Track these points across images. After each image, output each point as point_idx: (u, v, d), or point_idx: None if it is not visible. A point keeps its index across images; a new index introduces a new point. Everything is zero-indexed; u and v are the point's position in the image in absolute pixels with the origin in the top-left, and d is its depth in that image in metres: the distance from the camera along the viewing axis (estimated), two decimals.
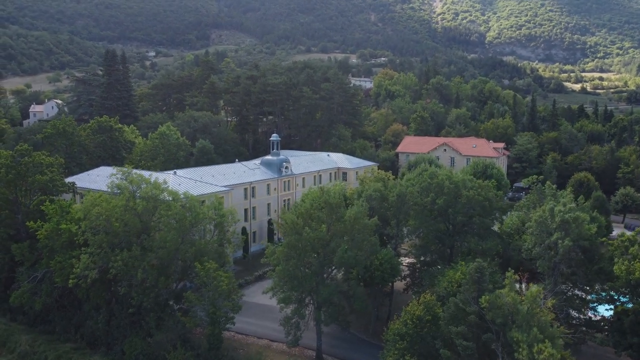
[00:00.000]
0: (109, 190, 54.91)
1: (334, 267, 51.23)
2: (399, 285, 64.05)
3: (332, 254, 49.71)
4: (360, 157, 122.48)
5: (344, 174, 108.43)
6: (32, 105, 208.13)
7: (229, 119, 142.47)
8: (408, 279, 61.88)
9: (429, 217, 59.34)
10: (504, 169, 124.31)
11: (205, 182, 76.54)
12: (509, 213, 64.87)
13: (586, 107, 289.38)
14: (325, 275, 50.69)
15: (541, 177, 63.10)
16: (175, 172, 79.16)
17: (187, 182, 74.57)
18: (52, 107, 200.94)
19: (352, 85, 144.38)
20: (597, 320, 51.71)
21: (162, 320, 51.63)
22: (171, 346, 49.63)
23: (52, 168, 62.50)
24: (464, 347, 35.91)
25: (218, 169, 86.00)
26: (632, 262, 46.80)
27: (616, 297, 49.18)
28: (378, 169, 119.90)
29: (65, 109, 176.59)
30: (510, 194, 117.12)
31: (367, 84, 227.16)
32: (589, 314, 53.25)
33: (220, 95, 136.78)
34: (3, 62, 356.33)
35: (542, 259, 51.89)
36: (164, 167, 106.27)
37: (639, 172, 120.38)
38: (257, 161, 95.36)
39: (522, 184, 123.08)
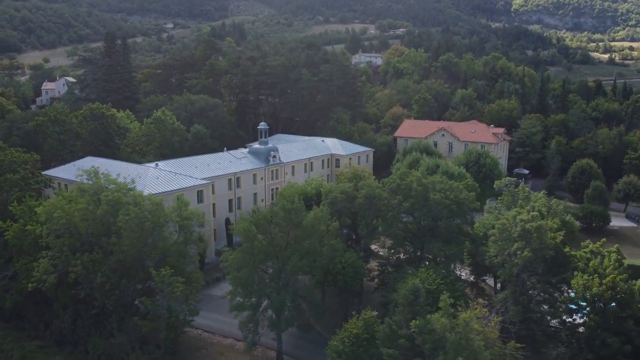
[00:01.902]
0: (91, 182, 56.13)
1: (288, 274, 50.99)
2: (372, 283, 63.84)
3: (289, 260, 49.51)
4: (358, 142, 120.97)
5: (337, 160, 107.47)
6: (45, 83, 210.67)
7: (231, 101, 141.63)
8: (376, 280, 61.53)
9: (397, 219, 58.51)
10: (504, 155, 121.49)
11: (185, 175, 76.56)
12: (484, 214, 63.51)
13: (609, 80, 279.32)
14: (281, 283, 50.55)
15: (514, 179, 60.95)
16: (157, 164, 79.36)
17: (166, 175, 74.73)
18: (63, 84, 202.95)
19: (354, 64, 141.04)
20: (558, 331, 50.70)
21: (124, 321, 52.57)
22: (130, 348, 50.64)
23: (26, 165, 63.19)
24: None
25: (202, 160, 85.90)
26: (591, 277, 45.38)
27: (575, 309, 48.00)
28: (374, 155, 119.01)
29: (76, 88, 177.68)
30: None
31: (378, 60, 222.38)
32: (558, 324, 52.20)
33: (220, 77, 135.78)
34: (22, 36, 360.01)
35: (504, 268, 50.89)
36: (158, 153, 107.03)
37: None
38: (245, 150, 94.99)
39: (522, 169, 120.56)
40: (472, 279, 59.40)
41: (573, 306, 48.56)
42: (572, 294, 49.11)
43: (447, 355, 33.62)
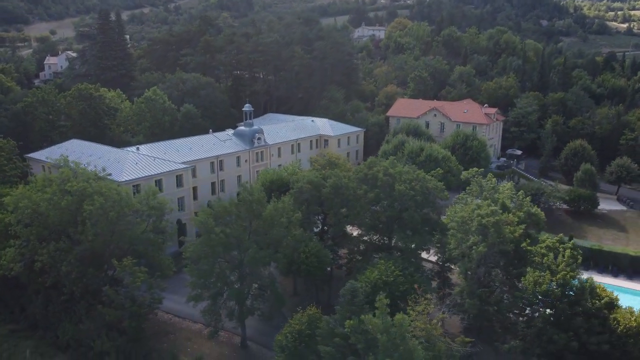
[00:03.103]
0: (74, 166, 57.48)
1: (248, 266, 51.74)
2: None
3: (247, 252, 50.23)
4: (350, 121, 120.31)
5: (326, 141, 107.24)
6: (47, 57, 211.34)
7: (226, 78, 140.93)
8: (344, 268, 62.23)
9: (365, 208, 58.66)
10: (497, 135, 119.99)
11: (165, 160, 77.19)
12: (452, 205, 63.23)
13: (625, 52, 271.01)
14: (243, 273, 51.35)
15: (481, 169, 60.32)
16: (137, 148, 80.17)
17: (146, 160, 75.41)
18: (65, 59, 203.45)
19: (356, 38, 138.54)
20: (515, 325, 51.02)
21: (93, 307, 54.09)
22: (96, 334, 52.25)
23: (1, 152, 64.22)
24: None
25: (185, 142, 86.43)
26: (543, 274, 45.43)
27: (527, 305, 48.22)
28: (366, 134, 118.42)
29: (76, 64, 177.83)
30: (501, 160, 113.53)
31: (382, 33, 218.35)
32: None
33: (214, 54, 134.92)
34: (30, 7, 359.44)
35: (462, 260, 51.12)
36: (149, 133, 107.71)
37: None
38: (230, 131, 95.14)
39: (515, 150, 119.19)
40: (438, 269, 59.71)
41: (535, 299, 48.65)
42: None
43: (377, 355, 34.30)
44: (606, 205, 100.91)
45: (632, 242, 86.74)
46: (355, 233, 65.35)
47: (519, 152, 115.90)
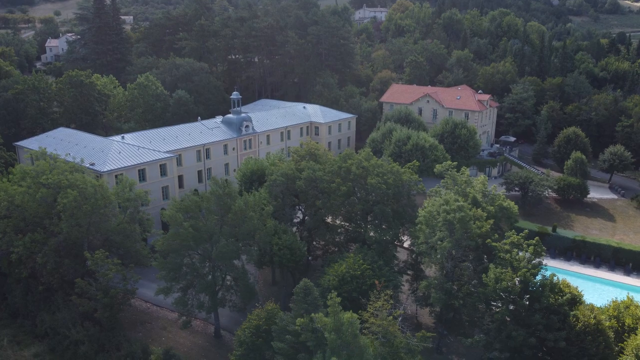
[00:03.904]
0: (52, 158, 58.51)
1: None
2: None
3: (214, 246, 50.93)
4: (344, 107, 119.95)
5: (316, 128, 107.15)
6: (49, 40, 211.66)
7: (221, 64, 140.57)
8: (319, 259, 62.85)
9: (339, 201, 58.94)
10: (491, 122, 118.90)
11: (149, 149, 77.80)
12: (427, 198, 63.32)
13: (636, 33, 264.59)
14: (213, 266, 52.12)
15: (455, 163, 60.11)
16: (123, 137, 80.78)
17: (129, 149, 76.03)
18: (65, 41, 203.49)
19: (357, 20, 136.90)
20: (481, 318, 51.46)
21: (69, 298, 55.39)
22: (71, 323, 53.62)
23: None
24: None
25: (172, 131, 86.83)
26: (504, 270, 45.66)
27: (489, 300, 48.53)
28: (359, 121, 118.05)
29: (75, 47, 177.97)
30: (494, 147, 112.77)
31: (383, 15, 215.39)
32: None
33: (209, 38, 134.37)
34: None
35: (428, 255, 51.48)
36: (142, 119, 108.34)
37: (639, 127, 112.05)
38: (219, 119, 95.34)
39: (509, 137, 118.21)
40: (411, 261, 60.07)
41: (496, 295, 48.98)
42: None
43: (325, 353, 35.01)
44: (597, 193, 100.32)
45: (619, 232, 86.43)
46: (337, 223, 66.01)
47: (513, 139, 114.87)
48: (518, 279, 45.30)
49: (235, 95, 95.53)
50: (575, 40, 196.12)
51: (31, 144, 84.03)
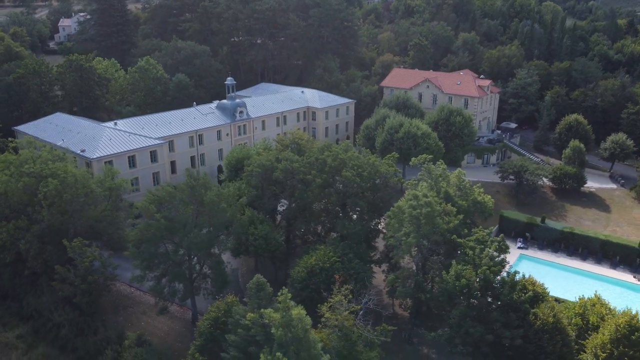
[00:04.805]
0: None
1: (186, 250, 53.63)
2: None
3: (186, 236, 52.17)
4: (344, 91, 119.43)
5: (314, 113, 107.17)
6: (61, 19, 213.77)
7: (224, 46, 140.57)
8: (297, 249, 63.84)
9: (314, 193, 59.56)
10: (492, 108, 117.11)
11: (140, 135, 79.14)
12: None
13: None
14: (188, 256, 53.48)
15: (430, 156, 59.86)
16: (115, 123, 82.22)
17: (121, 136, 77.54)
18: (77, 21, 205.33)
19: (347, 5, 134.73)
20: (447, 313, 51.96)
21: (53, 281, 57.54)
22: (54, 308, 55.87)
23: None
24: (231, 356, 38.73)
25: (165, 117, 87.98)
26: (465, 267, 45.99)
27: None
28: (359, 106, 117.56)
29: (85, 28, 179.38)
30: (495, 134, 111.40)
31: None
32: None
33: (212, 21, 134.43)
34: None
35: (396, 249, 51.99)
36: (142, 102, 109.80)
37: None
38: (214, 105, 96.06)
39: (509, 123, 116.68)
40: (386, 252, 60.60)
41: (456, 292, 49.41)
42: None
43: (271, 348, 36.13)
44: (596, 182, 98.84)
45: (612, 223, 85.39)
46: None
47: (514, 126, 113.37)
48: (477, 276, 45.58)
49: (229, 80, 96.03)
50: (592, 20, 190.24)
51: (29, 128, 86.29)
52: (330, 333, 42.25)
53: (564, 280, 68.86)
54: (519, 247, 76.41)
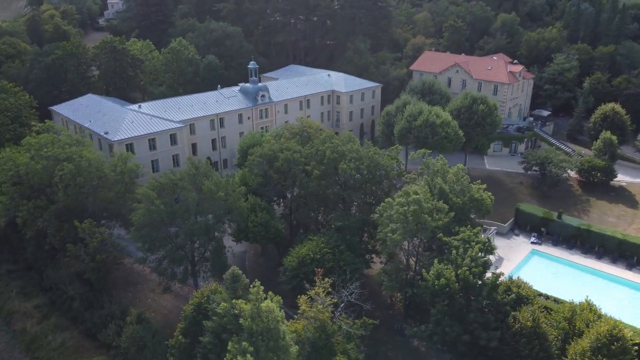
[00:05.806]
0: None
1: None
2: None
3: (185, 222, 54.72)
4: (373, 74, 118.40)
5: (338, 97, 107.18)
6: None
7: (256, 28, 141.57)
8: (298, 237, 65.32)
9: (314, 183, 60.60)
10: (524, 94, 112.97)
11: (162, 119, 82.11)
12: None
13: None
14: (189, 241, 56.17)
15: (429, 151, 59.23)
16: (139, 106, 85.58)
17: (142, 119, 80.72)
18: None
19: None
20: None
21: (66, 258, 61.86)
22: (68, 282, 60.31)
23: (8, 113, 71.93)
24: (207, 341, 41.07)
25: (188, 100, 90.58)
26: (446, 267, 46.17)
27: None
28: (386, 90, 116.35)
29: (130, 6, 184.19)
30: (526, 122, 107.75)
31: None
32: None
33: (244, 1, 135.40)
34: None
35: (383, 245, 52.64)
36: (174, 83, 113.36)
37: None
38: (237, 88, 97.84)
39: (542, 110, 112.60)
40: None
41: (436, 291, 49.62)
42: None
43: (240, 337, 38.11)
44: (628, 176, 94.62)
45: (638, 220, 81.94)
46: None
47: (546, 113, 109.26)
48: (456, 276, 45.67)
49: (252, 64, 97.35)
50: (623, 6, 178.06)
51: (63, 109, 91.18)
52: (307, 324, 43.83)
53: (573, 279, 67.32)
54: (532, 242, 75.01)
